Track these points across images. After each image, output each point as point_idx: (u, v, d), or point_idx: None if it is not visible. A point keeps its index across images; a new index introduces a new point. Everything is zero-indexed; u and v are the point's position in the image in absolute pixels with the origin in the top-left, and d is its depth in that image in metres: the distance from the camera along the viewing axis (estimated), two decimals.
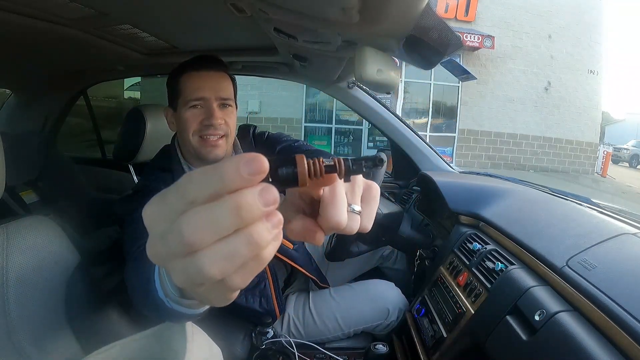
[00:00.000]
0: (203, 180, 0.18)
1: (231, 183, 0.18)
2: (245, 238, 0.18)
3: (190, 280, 0.19)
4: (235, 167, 0.18)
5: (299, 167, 0.21)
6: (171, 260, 0.19)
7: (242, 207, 0.18)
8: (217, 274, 0.18)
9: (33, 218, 0.66)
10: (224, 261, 0.18)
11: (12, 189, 1.14)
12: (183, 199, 0.19)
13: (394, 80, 0.64)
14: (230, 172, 0.18)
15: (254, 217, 0.18)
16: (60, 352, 0.60)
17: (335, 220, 0.23)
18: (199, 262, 0.18)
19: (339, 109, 7.81)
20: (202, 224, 0.18)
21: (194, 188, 0.18)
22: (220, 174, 0.18)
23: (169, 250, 0.19)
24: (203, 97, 0.77)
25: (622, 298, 0.52)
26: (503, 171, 7.48)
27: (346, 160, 0.22)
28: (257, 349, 0.88)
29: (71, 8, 0.75)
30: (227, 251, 0.18)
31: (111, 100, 6.09)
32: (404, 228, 1.12)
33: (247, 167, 0.18)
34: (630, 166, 13.61)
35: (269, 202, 0.18)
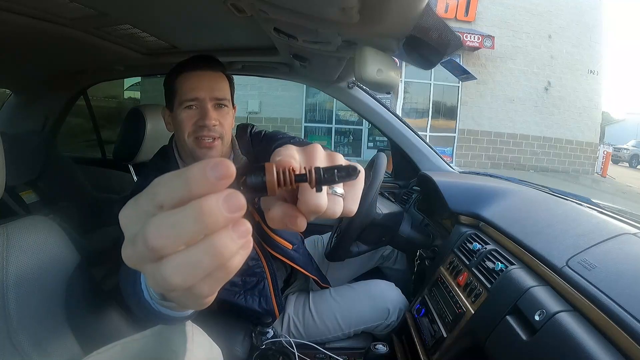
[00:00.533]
0: (171, 184, 0.18)
1: (197, 187, 0.18)
2: (208, 248, 0.18)
3: (159, 286, 0.19)
4: (202, 171, 0.18)
5: (268, 175, 0.20)
6: (141, 264, 0.19)
7: (205, 213, 0.17)
8: (181, 283, 0.18)
9: (33, 218, 0.66)
10: (187, 270, 0.18)
11: (12, 189, 1.14)
12: (152, 202, 0.19)
13: (394, 80, 0.64)
14: (196, 175, 0.18)
15: (218, 223, 0.18)
16: (60, 352, 0.60)
17: (314, 203, 0.22)
18: (163, 270, 0.18)
19: (339, 109, 7.82)
20: (166, 229, 0.17)
21: (162, 192, 0.18)
22: (186, 178, 0.18)
23: (137, 254, 0.19)
24: (197, 98, 0.76)
25: (622, 298, 0.52)
26: (503, 171, 7.48)
27: (318, 169, 0.22)
28: (257, 349, 0.88)
29: (71, 8, 0.75)
30: (190, 261, 0.18)
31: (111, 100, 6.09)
32: (404, 228, 1.12)
33: (214, 171, 0.17)
34: (630, 166, 13.61)
35: (233, 209, 0.18)
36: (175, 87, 0.78)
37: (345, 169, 0.22)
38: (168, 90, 0.81)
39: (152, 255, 0.18)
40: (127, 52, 1.13)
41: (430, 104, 8.12)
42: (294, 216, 0.23)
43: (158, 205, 0.18)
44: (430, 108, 8.13)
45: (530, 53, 8.09)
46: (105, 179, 1.63)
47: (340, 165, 0.23)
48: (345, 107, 1.39)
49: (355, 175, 0.22)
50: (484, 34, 7.49)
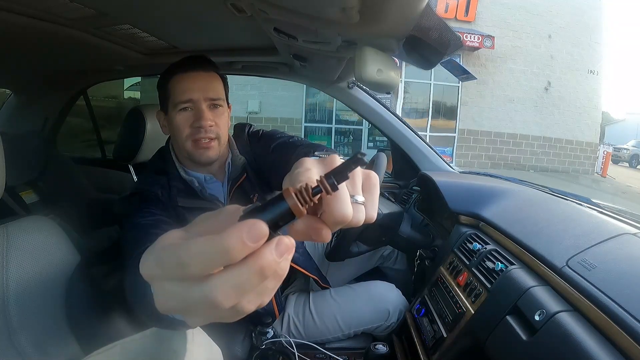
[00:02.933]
0: (206, 256, 0.19)
1: (239, 255, 0.19)
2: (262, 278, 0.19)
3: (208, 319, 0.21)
4: (240, 240, 0.18)
5: (289, 201, 0.21)
6: (191, 310, 0.20)
7: (266, 268, 0.19)
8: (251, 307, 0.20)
9: (33, 218, 0.66)
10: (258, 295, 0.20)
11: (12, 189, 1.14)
12: (182, 272, 0.19)
13: (394, 80, 0.64)
14: (236, 246, 0.18)
15: (275, 270, 0.19)
16: (60, 352, 0.60)
17: (341, 214, 0.23)
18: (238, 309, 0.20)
19: (339, 109, 7.81)
20: (233, 290, 0.19)
21: (195, 263, 0.19)
22: (226, 250, 0.18)
23: (192, 310, 0.20)
24: (191, 99, 0.76)
25: (622, 298, 0.52)
26: (503, 171, 7.48)
27: (327, 176, 0.22)
28: (257, 349, 0.88)
29: (71, 8, 0.75)
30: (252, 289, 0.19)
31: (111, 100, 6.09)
32: (404, 228, 1.12)
33: (251, 237, 0.18)
34: (630, 166, 13.60)
35: (283, 252, 0.20)
36: (168, 89, 0.78)
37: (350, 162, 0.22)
38: (162, 93, 0.81)
39: (216, 307, 0.19)
40: (127, 52, 1.13)
41: (430, 104, 8.12)
42: (318, 228, 0.23)
43: (189, 275, 0.19)
44: (430, 108, 8.13)
45: (530, 53, 8.09)
46: (105, 179, 1.63)
47: (344, 162, 0.23)
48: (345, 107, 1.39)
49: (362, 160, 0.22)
50: (484, 34, 7.49)
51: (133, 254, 0.58)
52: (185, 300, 0.20)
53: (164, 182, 0.78)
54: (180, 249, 0.19)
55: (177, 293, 0.20)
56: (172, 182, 0.78)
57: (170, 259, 0.19)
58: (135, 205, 0.71)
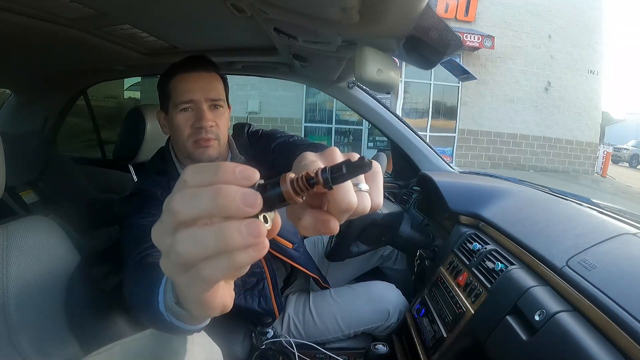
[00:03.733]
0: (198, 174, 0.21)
1: (224, 177, 0.20)
2: (214, 229, 0.20)
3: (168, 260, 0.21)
4: (232, 166, 0.20)
5: (283, 186, 0.22)
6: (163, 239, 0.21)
7: (222, 193, 0.20)
8: (183, 253, 0.20)
9: (33, 218, 0.66)
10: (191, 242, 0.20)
11: (12, 189, 1.14)
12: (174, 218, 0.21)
13: (394, 80, 0.64)
14: (226, 168, 0.20)
15: (229, 208, 0.20)
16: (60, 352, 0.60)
17: (346, 202, 0.23)
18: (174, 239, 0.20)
19: (339, 109, 7.81)
20: (187, 198, 0.21)
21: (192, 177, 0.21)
22: (215, 167, 0.21)
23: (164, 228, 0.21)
24: (192, 99, 0.76)
25: (622, 298, 0.52)
26: (503, 171, 7.48)
27: (324, 169, 0.22)
28: (257, 349, 0.88)
29: (71, 8, 0.75)
30: (197, 235, 0.20)
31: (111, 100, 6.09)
32: (404, 228, 1.12)
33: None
34: (630, 166, 13.61)
35: (249, 202, 0.20)
36: (169, 89, 0.78)
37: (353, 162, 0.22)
38: (162, 93, 0.81)
39: (171, 220, 0.21)
40: (127, 52, 1.13)
41: (430, 104, 8.12)
42: (325, 220, 0.24)
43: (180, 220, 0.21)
44: (430, 108, 8.13)
45: (530, 53, 8.09)
46: (105, 179, 1.63)
47: (347, 160, 0.23)
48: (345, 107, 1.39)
49: (365, 166, 0.22)
50: (484, 34, 7.49)
51: (133, 254, 0.58)
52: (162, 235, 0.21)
53: (164, 182, 0.78)
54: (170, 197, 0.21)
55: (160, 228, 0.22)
56: (172, 183, 0.78)
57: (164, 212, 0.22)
58: (135, 206, 0.71)
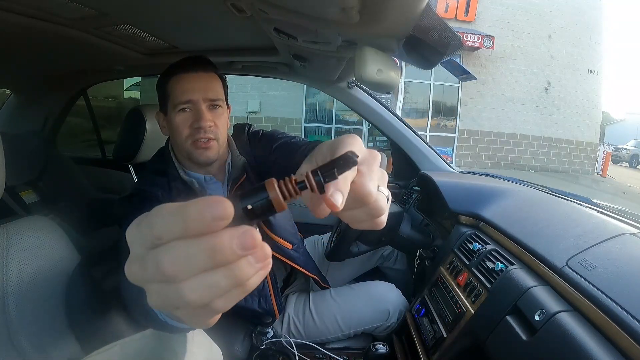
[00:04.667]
0: (168, 219, 0.18)
1: (193, 228, 0.18)
2: (225, 273, 0.18)
3: (166, 304, 0.19)
4: (199, 211, 0.18)
5: (271, 193, 0.20)
6: (147, 283, 0.19)
7: (217, 251, 0.18)
8: (198, 301, 0.18)
9: (33, 218, 0.66)
10: (204, 290, 0.18)
11: (12, 189, 1.14)
12: (151, 232, 0.19)
13: (394, 80, 0.64)
14: (193, 215, 0.18)
15: (229, 260, 0.18)
16: (60, 352, 0.60)
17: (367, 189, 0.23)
18: (179, 289, 0.18)
19: (339, 109, 7.81)
20: (179, 260, 0.18)
21: (159, 224, 0.18)
22: (184, 216, 0.18)
23: (145, 275, 0.19)
24: (191, 100, 0.76)
25: (622, 298, 0.52)
26: (503, 171, 7.48)
27: (314, 172, 0.21)
28: (257, 349, 0.88)
29: (71, 8, 0.75)
30: (207, 282, 0.18)
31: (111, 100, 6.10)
32: (404, 228, 1.12)
33: (210, 212, 0.17)
34: (630, 166, 13.60)
35: (247, 246, 0.18)
36: (167, 90, 0.78)
37: (341, 160, 0.21)
38: (161, 93, 0.80)
39: (164, 278, 0.18)
40: (127, 52, 1.13)
41: (430, 104, 8.12)
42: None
43: (156, 236, 0.19)
44: (430, 108, 8.13)
45: (530, 53, 8.09)
46: (105, 179, 1.63)
47: (336, 158, 0.22)
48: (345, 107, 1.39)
49: (353, 161, 0.21)
50: (484, 34, 7.49)
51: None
52: (142, 264, 0.19)
53: (164, 183, 0.78)
54: (153, 210, 0.19)
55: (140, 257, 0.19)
56: (172, 183, 0.78)
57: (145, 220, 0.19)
58: (135, 206, 0.71)
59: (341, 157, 0.22)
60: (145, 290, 0.20)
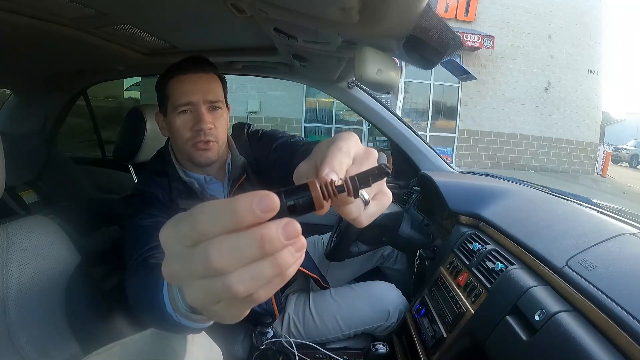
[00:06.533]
0: (216, 216, 0.20)
1: (244, 220, 0.19)
2: (271, 262, 0.20)
3: (209, 299, 0.21)
4: (249, 204, 0.19)
5: (314, 192, 0.22)
6: (190, 280, 0.21)
7: (266, 241, 0.19)
8: (244, 292, 0.20)
9: (33, 218, 0.66)
10: (250, 281, 0.20)
11: (12, 189, 1.14)
12: (195, 230, 0.20)
13: (394, 80, 0.64)
14: (243, 209, 0.19)
15: (276, 249, 0.19)
16: (60, 352, 0.60)
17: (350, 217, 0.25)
18: (227, 282, 0.19)
19: (339, 109, 7.82)
20: (228, 253, 0.19)
21: (206, 221, 0.20)
22: (233, 211, 0.19)
23: (189, 272, 0.20)
24: (191, 102, 0.75)
25: (622, 298, 0.52)
26: (503, 171, 7.48)
27: (353, 179, 0.23)
28: (257, 349, 0.88)
29: (71, 8, 0.75)
30: (253, 273, 0.19)
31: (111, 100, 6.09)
32: (404, 228, 1.12)
33: (260, 205, 0.19)
34: (630, 166, 13.61)
35: (291, 236, 0.20)
36: (167, 91, 0.77)
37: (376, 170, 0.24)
38: (160, 95, 0.80)
39: (211, 273, 0.19)
40: (127, 52, 1.13)
41: (430, 104, 8.12)
42: None
43: (201, 232, 0.20)
44: (430, 108, 8.13)
45: (530, 53, 8.09)
46: (105, 179, 1.63)
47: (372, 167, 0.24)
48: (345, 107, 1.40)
49: (386, 172, 0.24)
50: (484, 34, 7.49)
51: (135, 255, 0.58)
52: (185, 261, 0.20)
53: (164, 183, 0.78)
54: (196, 208, 0.20)
55: (181, 255, 0.20)
56: (173, 184, 0.78)
57: (188, 218, 0.20)
58: (136, 207, 0.71)
59: (376, 167, 0.24)
60: (185, 287, 0.21)
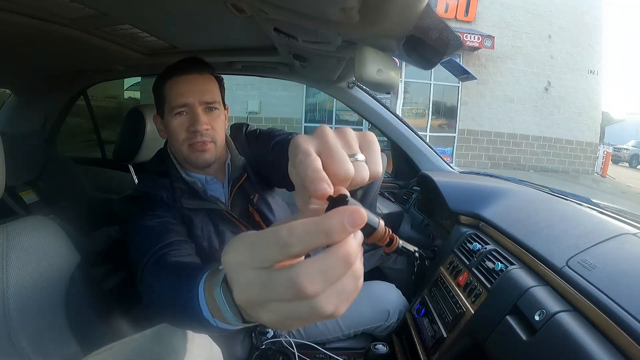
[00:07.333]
0: (307, 238, 0.19)
1: (338, 239, 0.19)
2: (352, 276, 0.20)
3: (290, 321, 0.21)
4: (341, 223, 0.19)
5: (379, 228, 0.24)
6: (269, 304, 0.21)
7: (351, 257, 0.20)
8: (332, 311, 0.20)
9: (33, 218, 0.66)
10: (337, 298, 0.20)
11: (12, 189, 1.14)
12: (284, 253, 0.20)
13: (394, 80, 0.64)
14: (337, 229, 0.19)
15: (355, 263, 0.20)
16: (59, 352, 0.60)
17: (343, 171, 0.23)
18: (316, 305, 0.20)
19: (339, 109, 7.81)
20: (319, 276, 0.19)
21: (299, 244, 0.20)
22: (327, 232, 0.19)
23: (271, 297, 0.20)
24: (187, 103, 0.75)
25: (622, 298, 0.52)
26: (503, 171, 7.48)
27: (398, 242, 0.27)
28: (257, 349, 0.88)
29: (71, 8, 0.75)
30: (339, 290, 0.20)
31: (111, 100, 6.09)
32: (404, 228, 1.12)
33: (351, 222, 0.19)
34: (630, 166, 13.61)
35: (360, 243, 0.21)
36: (163, 93, 0.77)
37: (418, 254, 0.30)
38: (157, 97, 0.80)
39: (298, 297, 0.19)
40: (127, 52, 1.13)
41: (430, 104, 8.12)
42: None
43: (292, 255, 0.20)
44: (430, 108, 8.12)
45: (530, 53, 8.09)
46: (105, 179, 1.63)
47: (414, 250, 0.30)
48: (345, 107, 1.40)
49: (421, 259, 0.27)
50: (484, 34, 7.49)
51: (147, 256, 0.60)
52: (267, 287, 0.20)
53: (167, 184, 0.78)
54: (282, 231, 0.20)
55: (260, 280, 0.20)
56: (175, 184, 0.78)
57: (269, 241, 0.20)
58: (139, 208, 0.71)
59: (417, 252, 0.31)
60: (262, 311, 0.21)
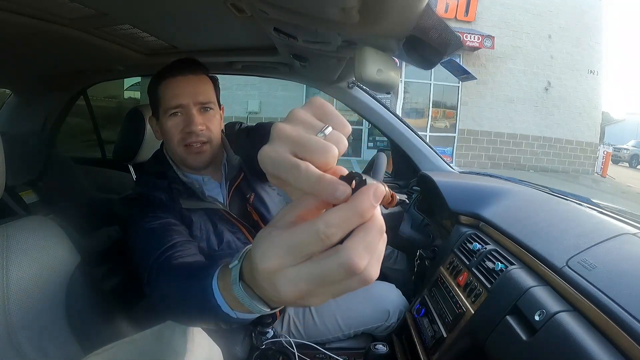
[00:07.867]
0: (345, 223, 0.21)
1: (370, 215, 0.21)
2: (384, 240, 0.23)
3: (340, 293, 0.22)
4: (369, 202, 0.21)
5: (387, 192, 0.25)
6: (322, 289, 0.22)
7: (383, 226, 0.22)
8: (376, 274, 0.22)
9: (33, 218, 0.66)
10: (378, 264, 0.22)
11: (12, 189, 1.14)
12: (326, 243, 0.21)
13: (394, 80, 0.64)
14: (368, 208, 0.21)
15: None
16: (60, 352, 0.60)
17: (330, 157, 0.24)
18: (366, 277, 0.21)
19: (339, 109, 7.74)
20: (365, 251, 0.21)
21: (337, 232, 0.21)
22: (361, 213, 0.21)
23: (325, 282, 0.21)
24: (181, 104, 0.75)
25: (622, 298, 0.52)
26: (503, 171, 7.48)
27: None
28: (257, 349, 0.88)
29: (71, 8, 0.75)
30: (379, 257, 0.22)
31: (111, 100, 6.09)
32: (404, 228, 1.12)
33: (377, 198, 0.21)
34: (630, 166, 13.61)
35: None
36: (158, 94, 0.77)
37: None
38: (152, 98, 0.80)
39: (350, 274, 0.21)
40: (127, 52, 1.13)
41: (430, 104, 8.12)
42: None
43: (333, 242, 0.21)
44: (430, 108, 8.12)
45: (530, 53, 8.09)
46: (105, 179, 1.63)
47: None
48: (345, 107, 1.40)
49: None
50: (484, 34, 7.49)
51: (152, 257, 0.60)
52: (319, 275, 0.21)
53: (165, 185, 0.78)
54: (319, 225, 0.21)
55: (308, 272, 0.21)
56: (173, 185, 0.78)
57: (308, 237, 0.21)
58: (139, 210, 0.71)
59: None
60: (311, 296, 0.22)
